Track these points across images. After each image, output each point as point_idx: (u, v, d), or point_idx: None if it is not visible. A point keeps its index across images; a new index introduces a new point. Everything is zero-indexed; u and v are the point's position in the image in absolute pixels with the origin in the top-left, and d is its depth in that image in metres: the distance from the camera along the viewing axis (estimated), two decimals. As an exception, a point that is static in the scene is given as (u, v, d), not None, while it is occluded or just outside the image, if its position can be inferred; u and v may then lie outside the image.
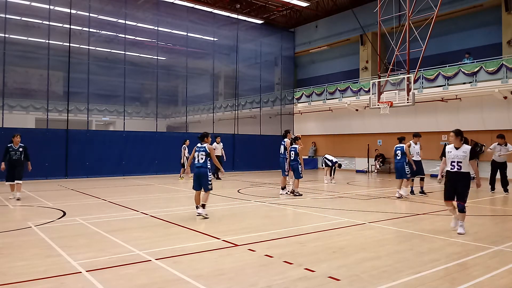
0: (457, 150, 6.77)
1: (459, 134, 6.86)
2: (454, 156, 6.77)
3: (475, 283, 4.32)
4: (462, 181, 6.73)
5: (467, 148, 6.77)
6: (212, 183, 8.33)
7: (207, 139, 8.55)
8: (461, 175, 6.74)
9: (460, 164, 6.73)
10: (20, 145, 10.83)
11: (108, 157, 18.30)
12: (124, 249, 5.71)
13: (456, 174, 6.75)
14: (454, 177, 6.78)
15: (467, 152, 6.72)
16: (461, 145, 6.79)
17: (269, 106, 26.44)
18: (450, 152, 6.83)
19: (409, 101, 15.62)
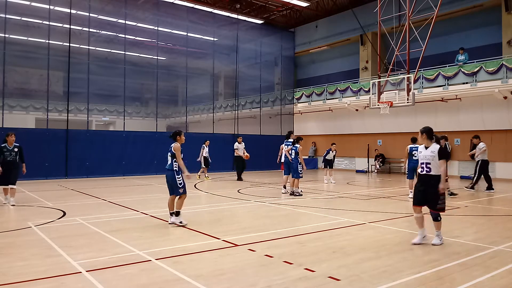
0: (426, 150, 6.13)
1: (424, 132, 6.16)
2: (423, 156, 6.10)
3: (475, 283, 4.32)
4: (432, 186, 5.93)
5: (435, 148, 6.02)
6: (183, 187, 7.50)
7: (179, 137, 7.77)
8: (430, 178, 5.96)
9: (428, 165, 6.00)
10: (15, 145, 9.86)
11: (108, 157, 18.30)
12: (124, 249, 5.71)
13: (426, 177, 6.03)
14: (423, 181, 6.06)
15: (435, 152, 5.97)
16: (431, 144, 6.08)
17: (269, 106, 26.44)
18: (420, 152, 6.22)
19: (409, 101, 15.62)
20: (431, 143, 6.08)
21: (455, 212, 9.15)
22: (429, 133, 6.12)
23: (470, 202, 10.75)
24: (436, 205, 5.90)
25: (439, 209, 5.93)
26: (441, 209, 5.95)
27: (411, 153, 11.54)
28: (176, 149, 7.55)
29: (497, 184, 16.21)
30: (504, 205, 10.10)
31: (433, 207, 5.95)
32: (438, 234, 6.04)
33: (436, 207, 5.92)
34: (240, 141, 17.50)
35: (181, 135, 7.81)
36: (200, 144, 18.17)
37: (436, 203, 5.90)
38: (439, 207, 5.92)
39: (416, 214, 6.12)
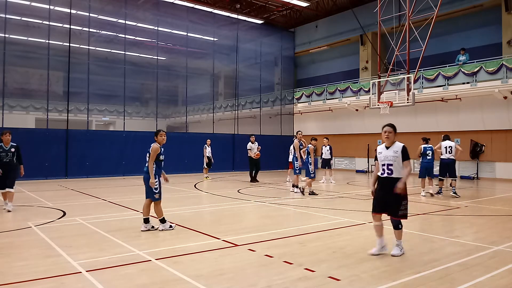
0: (387, 149, 5.48)
1: (392, 127, 5.58)
2: (384, 157, 5.46)
3: (475, 283, 4.33)
4: (393, 190, 5.31)
5: (398, 147, 5.40)
6: (159, 192, 6.96)
7: (156, 137, 7.11)
8: (391, 181, 5.34)
9: (390, 167, 5.36)
10: (11, 145, 9.10)
11: (108, 157, 18.30)
12: (124, 249, 5.71)
13: (387, 180, 5.40)
14: (384, 184, 5.45)
15: (399, 152, 5.35)
16: (393, 143, 5.48)
17: (269, 106, 26.44)
18: (380, 153, 5.53)
19: (409, 101, 15.62)
20: (393, 142, 5.50)
21: (455, 212, 9.16)
22: (395, 128, 5.60)
23: (470, 202, 10.76)
24: (398, 211, 5.31)
25: (401, 216, 5.32)
26: (403, 216, 5.34)
27: (425, 153, 12.05)
28: (152, 149, 6.93)
29: (497, 184, 16.22)
30: (504, 205, 10.10)
31: (394, 213, 5.35)
32: (398, 244, 5.43)
33: (397, 214, 5.32)
34: (253, 141, 16.57)
35: (158, 135, 7.10)
36: (200, 144, 18.17)
37: (398, 209, 5.30)
38: (400, 214, 5.31)
39: (375, 222, 5.51)
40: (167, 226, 6.94)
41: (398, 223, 5.38)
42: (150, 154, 6.90)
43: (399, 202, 5.30)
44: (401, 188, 5.23)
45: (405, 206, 5.34)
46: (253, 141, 16.54)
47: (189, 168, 20.22)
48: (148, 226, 6.94)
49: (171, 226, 6.99)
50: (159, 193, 6.96)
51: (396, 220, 5.37)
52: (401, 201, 5.30)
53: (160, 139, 7.08)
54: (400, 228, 5.40)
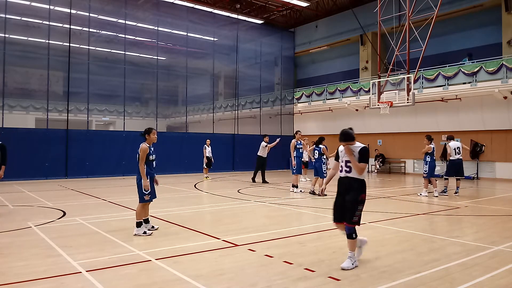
0: None
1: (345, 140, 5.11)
2: (343, 154, 5.10)
3: (475, 283, 4.33)
4: (351, 191, 4.92)
5: (358, 146, 5.03)
6: (149, 193, 6.73)
7: (148, 136, 6.83)
8: (350, 181, 4.95)
9: (349, 164, 4.98)
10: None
11: (108, 157, 18.31)
12: (124, 249, 5.71)
13: (345, 180, 5.02)
14: (342, 184, 5.07)
15: (356, 151, 4.97)
16: (354, 142, 5.12)
17: (269, 106, 26.44)
18: (342, 151, 5.13)
19: (409, 101, 15.63)
20: (354, 143, 5.09)
21: (455, 212, 9.16)
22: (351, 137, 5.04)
23: (470, 202, 10.76)
24: (352, 216, 4.84)
25: (355, 222, 4.87)
26: (357, 222, 4.89)
27: (433, 153, 11.97)
28: (141, 150, 6.63)
29: (497, 184, 16.23)
30: (504, 205, 10.10)
31: (348, 219, 4.87)
32: (350, 256, 4.87)
33: (351, 220, 4.84)
34: (267, 141, 15.96)
35: (150, 133, 6.82)
36: (200, 144, 18.18)
37: (353, 214, 4.84)
38: (355, 220, 4.86)
39: (340, 231, 5.13)
40: (141, 232, 6.54)
41: (352, 231, 4.88)
42: (140, 155, 6.61)
43: (355, 205, 4.87)
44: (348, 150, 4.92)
45: (360, 212, 4.90)
46: (267, 141, 15.96)
47: (189, 168, 20.22)
48: (148, 226, 6.88)
49: (145, 232, 6.55)
50: (150, 195, 6.72)
51: (350, 227, 4.88)
52: (358, 205, 4.88)
53: (153, 138, 6.84)
54: (354, 238, 4.89)
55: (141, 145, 6.72)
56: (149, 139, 6.81)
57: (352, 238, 4.89)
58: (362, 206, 4.93)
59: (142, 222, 6.69)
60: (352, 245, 4.90)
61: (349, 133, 5.03)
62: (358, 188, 4.92)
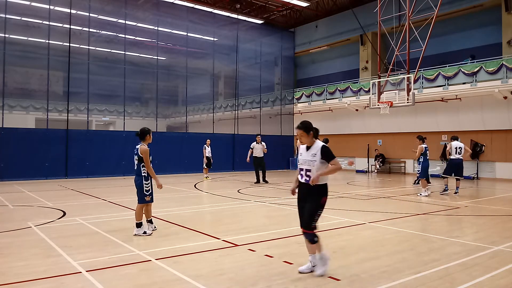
0: (307, 151, 4.66)
1: (306, 129, 4.59)
2: (303, 160, 4.63)
3: (475, 283, 4.33)
4: (310, 197, 4.57)
5: (317, 147, 4.55)
6: (151, 194, 6.74)
7: (149, 136, 6.77)
8: (311, 189, 4.53)
9: (309, 173, 4.53)
10: None
11: (108, 157, 18.31)
12: (124, 249, 5.71)
13: (305, 185, 4.60)
14: (303, 191, 4.66)
15: (318, 153, 4.51)
16: (313, 143, 4.64)
17: (269, 106, 26.44)
18: (301, 154, 4.71)
19: (409, 101, 15.63)
20: (313, 141, 4.64)
21: (455, 212, 9.16)
22: (308, 128, 4.60)
23: (470, 202, 10.76)
24: (311, 222, 4.52)
25: (313, 227, 4.55)
26: (316, 227, 4.60)
27: (426, 153, 12.15)
28: (144, 152, 6.56)
29: (497, 184, 16.23)
30: (504, 205, 10.10)
31: (306, 226, 4.55)
32: (321, 257, 4.63)
33: (310, 226, 4.52)
34: (259, 141, 15.89)
35: (150, 134, 6.80)
36: (200, 144, 18.18)
37: (311, 220, 4.51)
38: (313, 226, 4.54)
39: None
40: (141, 232, 6.57)
41: (313, 237, 4.54)
42: (143, 157, 6.55)
43: (315, 210, 4.52)
44: (314, 180, 4.39)
45: (318, 217, 4.57)
46: (259, 141, 15.89)
47: (189, 168, 20.23)
48: (152, 226, 6.88)
49: (145, 232, 6.59)
50: (151, 195, 6.74)
51: (310, 233, 4.54)
52: (317, 210, 4.53)
53: (151, 139, 6.83)
54: (317, 241, 4.58)
55: (141, 147, 6.64)
56: (148, 139, 6.78)
57: (315, 242, 4.57)
58: (321, 211, 4.57)
59: (142, 223, 6.69)
60: (318, 247, 4.63)
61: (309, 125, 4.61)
62: (319, 193, 4.53)
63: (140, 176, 6.68)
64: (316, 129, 4.71)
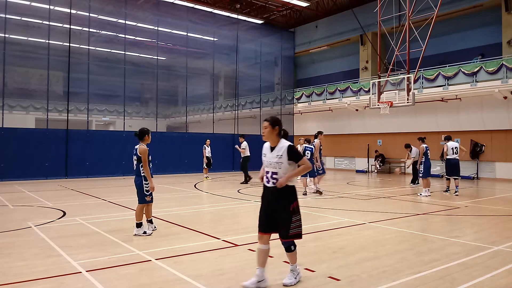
0: (271, 152, 4.19)
1: (273, 123, 4.19)
2: (267, 163, 4.20)
3: (475, 283, 4.33)
4: (282, 204, 4.15)
5: (283, 147, 4.12)
6: (151, 194, 6.75)
7: (148, 137, 6.73)
8: (279, 194, 4.13)
9: (275, 176, 4.11)
10: None
11: (108, 157, 18.31)
12: (124, 249, 5.71)
13: (273, 192, 4.16)
14: (270, 197, 4.22)
15: (284, 154, 4.08)
16: (278, 142, 4.19)
17: (269, 106, 26.44)
18: (265, 155, 4.27)
19: (409, 101, 15.62)
20: (278, 140, 4.20)
21: (455, 212, 9.16)
22: (281, 124, 4.25)
23: (470, 202, 10.76)
24: (289, 230, 4.13)
25: (293, 235, 4.16)
26: (296, 235, 4.19)
27: (426, 153, 12.32)
28: (143, 152, 6.54)
29: (497, 184, 16.23)
30: (504, 205, 10.10)
31: (284, 235, 4.17)
32: (293, 269, 4.29)
33: (288, 234, 4.14)
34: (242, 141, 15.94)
35: (149, 134, 6.78)
36: (200, 144, 18.18)
37: (288, 227, 4.12)
38: (292, 234, 4.15)
39: (260, 244, 4.26)
40: (141, 232, 6.58)
41: (290, 244, 4.22)
42: (142, 157, 6.55)
43: (289, 218, 4.12)
44: (282, 183, 4.03)
45: (297, 223, 4.18)
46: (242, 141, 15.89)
47: (189, 168, 20.23)
48: (152, 226, 6.89)
49: (145, 232, 6.59)
50: (151, 195, 6.75)
51: (287, 242, 4.20)
52: (291, 217, 4.13)
53: (149, 139, 6.80)
54: (293, 250, 4.23)
55: (140, 147, 6.63)
56: (147, 139, 6.76)
57: (291, 251, 4.23)
58: (297, 216, 4.19)
59: (142, 223, 6.69)
60: (293, 257, 4.28)
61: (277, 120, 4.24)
62: (287, 198, 4.14)
63: (139, 177, 6.68)
64: (285, 131, 4.35)
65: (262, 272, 4.19)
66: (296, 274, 4.31)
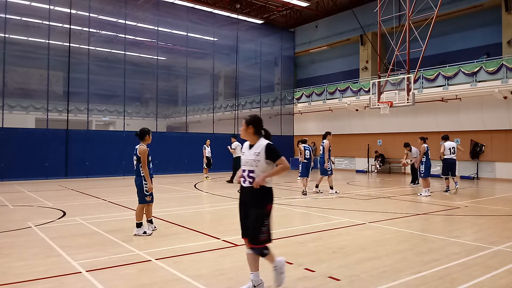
0: (249, 150, 4.03)
1: (248, 122, 4.06)
2: (245, 161, 4.01)
3: (475, 283, 4.33)
4: (255, 204, 3.90)
5: (261, 145, 3.94)
6: (151, 194, 6.72)
7: (148, 137, 6.71)
8: (254, 194, 3.89)
9: (251, 174, 3.90)
10: None
11: (108, 157, 18.32)
12: (124, 249, 5.71)
13: (248, 191, 3.96)
14: (245, 196, 4.01)
15: (262, 152, 3.89)
16: (256, 140, 4.02)
17: (269, 106, 26.45)
18: (243, 153, 4.10)
19: (409, 101, 15.62)
20: (257, 139, 4.03)
21: (455, 212, 9.16)
22: (257, 124, 4.04)
23: (470, 202, 10.76)
24: (258, 235, 3.84)
25: (264, 241, 3.88)
26: (267, 240, 3.90)
27: (427, 153, 12.38)
28: (142, 152, 6.55)
29: (497, 184, 16.23)
30: (504, 205, 10.10)
31: (253, 240, 3.87)
32: (275, 267, 4.04)
33: (256, 240, 3.85)
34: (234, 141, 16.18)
35: (150, 134, 6.76)
36: (200, 144, 18.19)
37: (258, 232, 3.84)
38: (263, 239, 3.86)
39: (246, 249, 4.04)
40: (141, 232, 6.57)
41: (262, 250, 3.92)
42: (141, 157, 6.55)
43: (261, 221, 3.86)
44: (259, 182, 3.81)
45: (268, 227, 3.91)
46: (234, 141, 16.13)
47: (189, 168, 20.23)
48: (152, 226, 6.89)
49: (145, 232, 6.59)
50: (151, 195, 6.75)
51: (258, 248, 3.90)
52: (263, 220, 3.87)
53: (150, 139, 6.78)
54: (267, 254, 3.96)
55: (139, 147, 6.64)
56: (148, 140, 6.75)
57: (264, 255, 3.96)
58: (268, 220, 3.92)
59: (142, 223, 6.69)
60: (269, 257, 4.01)
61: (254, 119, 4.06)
62: (262, 199, 3.89)
63: (139, 177, 6.69)
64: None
65: (257, 276, 4.01)
66: (280, 269, 4.04)
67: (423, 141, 12.46)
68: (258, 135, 4.04)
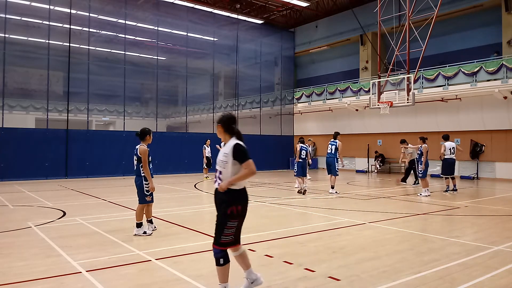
0: (221, 149, 3.96)
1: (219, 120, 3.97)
2: (217, 161, 3.88)
3: (475, 283, 4.33)
4: (218, 206, 3.83)
5: (230, 145, 3.81)
6: (151, 194, 6.74)
7: (149, 137, 6.70)
8: (220, 195, 3.80)
9: (220, 175, 3.79)
10: None
11: (108, 157, 18.32)
12: (124, 249, 5.71)
13: (216, 192, 3.87)
14: (216, 197, 3.90)
15: (230, 152, 3.75)
16: (227, 140, 3.91)
17: (269, 106, 26.44)
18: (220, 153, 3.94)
19: (409, 101, 15.62)
20: (228, 138, 3.91)
21: (455, 212, 9.16)
22: (226, 123, 3.92)
23: (470, 202, 10.76)
24: (219, 237, 3.73)
25: (223, 244, 3.74)
26: (227, 243, 3.75)
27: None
28: (143, 152, 6.54)
29: (497, 184, 16.23)
30: (504, 205, 10.10)
31: (214, 240, 3.78)
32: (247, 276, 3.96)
33: (217, 241, 3.74)
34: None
35: (151, 134, 6.75)
36: (200, 144, 18.19)
37: (219, 234, 3.73)
38: (223, 241, 3.73)
39: (233, 253, 3.97)
40: (141, 232, 6.58)
41: (219, 255, 3.74)
42: (142, 158, 6.55)
43: (223, 222, 3.71)
44: (223, 187, 3.70)
45: (232, 230, 3.74)
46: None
47: (189, 168, 20.23)
48: (152, 226, 6.89)
49: (145, 232, 6.59)
50: (151, 195, 6.75)
51: (217, 249, 3.74)
52: (226, 222, 3.71)
53: (151, 139, 6.78)
54: (222, 264, 3.75)
55: (140, 147, 6.64)
56: (148, 140, 6.74)
57: (219, 264, 3.74)
58: (234, 223, 3.74)
59: (142, 223, 6.70)
60: (220, 272, 3.78)
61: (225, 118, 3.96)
62: (227, 201, 3.72)
63: (140, 177, 6.68)
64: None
65: (250, 274, 3.95)
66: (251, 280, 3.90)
67: (423, 141, 12.48)
68: (230, 134, 3.91)
